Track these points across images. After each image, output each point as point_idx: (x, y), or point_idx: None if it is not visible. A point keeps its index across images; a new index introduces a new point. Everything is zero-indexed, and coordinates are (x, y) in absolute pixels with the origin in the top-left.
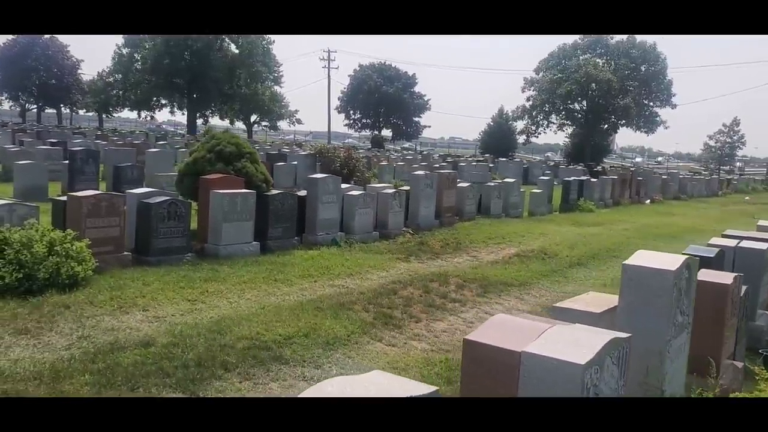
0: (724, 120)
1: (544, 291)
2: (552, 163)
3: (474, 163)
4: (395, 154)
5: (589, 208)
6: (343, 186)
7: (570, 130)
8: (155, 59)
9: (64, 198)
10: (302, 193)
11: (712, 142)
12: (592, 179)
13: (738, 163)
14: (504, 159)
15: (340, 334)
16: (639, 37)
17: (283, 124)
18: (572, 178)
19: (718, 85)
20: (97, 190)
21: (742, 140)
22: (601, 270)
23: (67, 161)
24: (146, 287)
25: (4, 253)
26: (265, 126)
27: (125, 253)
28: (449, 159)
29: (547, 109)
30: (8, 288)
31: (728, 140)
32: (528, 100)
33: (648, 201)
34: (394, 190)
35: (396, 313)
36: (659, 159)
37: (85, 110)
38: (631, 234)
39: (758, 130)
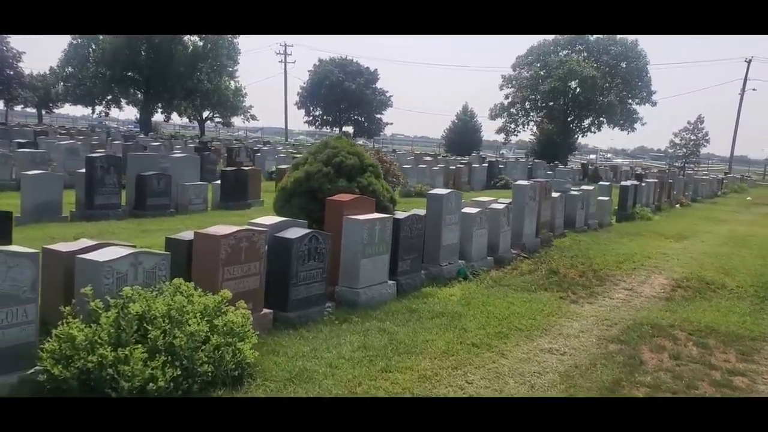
0: (679, 117)
1: None
2: (530, 164)
3: (484, 164)
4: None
5: (647, 215)
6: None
7: (539, 127)
8: (113, 51)
9: (188, 236)
10: (421, 212)
11: (677, 140)
12: (642, 183)
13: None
14: (512, 158)
15: None
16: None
17: (236, 121)
18: (629, 183)
19: (670, 84)
20: (120, 204)
21: (707, 138)
22: None
23: (83, 170)
24: (337, 372)
25: (148, 336)
26: (218, 122)
27: (265, 310)
28: (440, 158)
29: (528, 107)
30: (159, 392)
31: (692, 137)
32: (507, 97)
33: (678, 204)
34: (504, 205)
35: None
36: (608, 156)
37: (22, 106)
38: (744, 249)
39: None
